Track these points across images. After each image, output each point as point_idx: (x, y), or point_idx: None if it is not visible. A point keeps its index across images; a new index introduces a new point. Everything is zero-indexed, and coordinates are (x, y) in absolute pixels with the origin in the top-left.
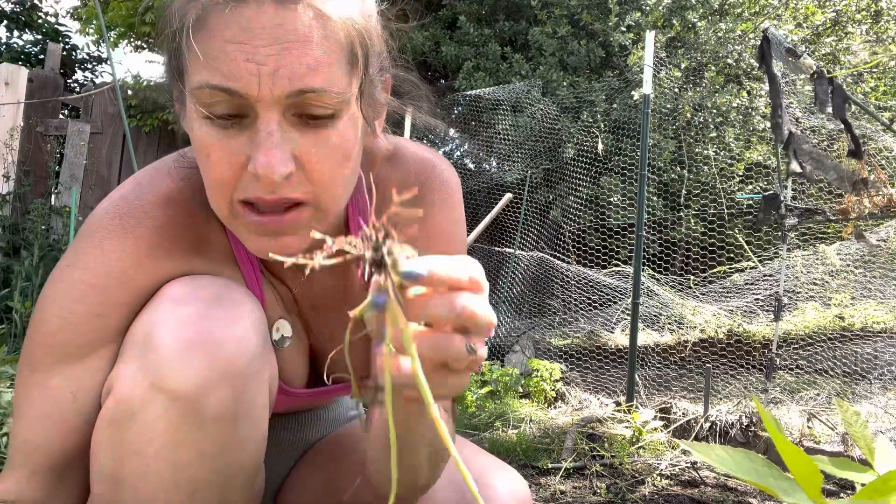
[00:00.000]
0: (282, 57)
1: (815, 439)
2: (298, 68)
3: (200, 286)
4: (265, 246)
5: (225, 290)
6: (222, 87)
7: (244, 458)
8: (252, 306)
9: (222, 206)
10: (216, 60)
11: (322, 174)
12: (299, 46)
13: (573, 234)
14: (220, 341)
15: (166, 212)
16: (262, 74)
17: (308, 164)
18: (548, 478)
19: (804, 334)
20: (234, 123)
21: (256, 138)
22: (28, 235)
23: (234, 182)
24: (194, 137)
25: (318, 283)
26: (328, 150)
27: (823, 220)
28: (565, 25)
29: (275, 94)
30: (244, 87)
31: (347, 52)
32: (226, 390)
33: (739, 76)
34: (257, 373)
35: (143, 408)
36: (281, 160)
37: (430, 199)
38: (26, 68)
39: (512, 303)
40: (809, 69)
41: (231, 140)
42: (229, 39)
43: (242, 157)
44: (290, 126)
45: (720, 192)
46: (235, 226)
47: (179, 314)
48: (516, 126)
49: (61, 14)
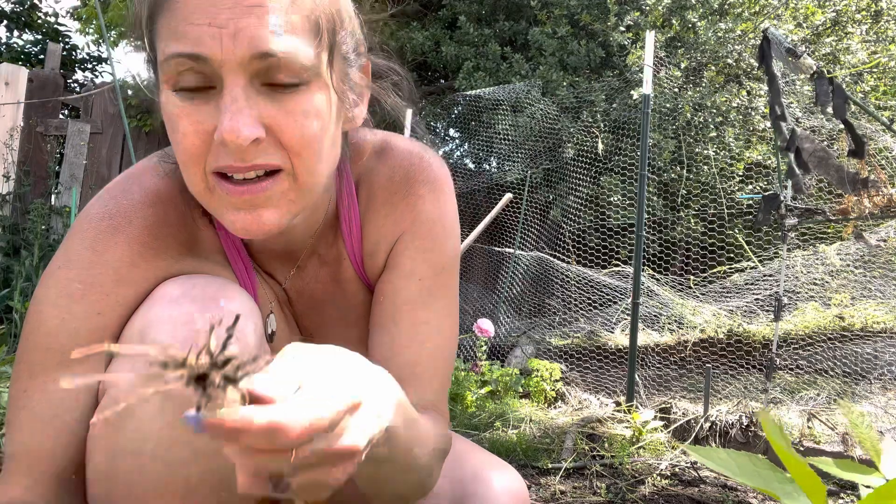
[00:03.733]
0: (243, 19)
1: (815, 439)
2: (260, 30)
3: (195, 285)
4: (242, 221)
5: (220, 288)
6: (186, 53)
7: None
8: (247, 304)
9: (196, 181)
10: (181, 30)
11: (293, 139)
12: (262, 11)
13: (573, 234)
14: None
15: (156, 210)
16: (224, 36)
17: (277, 128)
18: (548, 478)
19: (804, 334)
20: (202, 94)
21: (222, 104)
22: (28, 235)
23: (204, 152)
24: (165, 115)
25: (309, 278)
26: (298, 117)
27: (823, 220)
28: (565, 25)
29: (237, 55)
30: (207, 50)
31: (313, 22)
32: None
33: (739, 76)
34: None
35: (138, 407)
36: (246, 123)
37: (417, 190)
38: (26, 68)
39: (512, 303)
40: (809, 69)
41: (198, 109)
42: (193, 9)
43: (210, 125)
44: (257, 94)
45: (720, 191)
46: (212, 202)
47: (174, 313)
48: (516, 126)
49: (61, 14)
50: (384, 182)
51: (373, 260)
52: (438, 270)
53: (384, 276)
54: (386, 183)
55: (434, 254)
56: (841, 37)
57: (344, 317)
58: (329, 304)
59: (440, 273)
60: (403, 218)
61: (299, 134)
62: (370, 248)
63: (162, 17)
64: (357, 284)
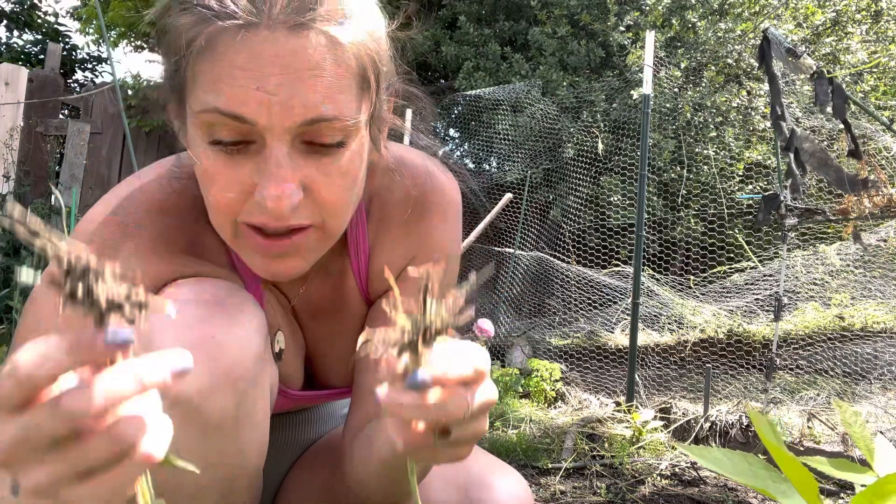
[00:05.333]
0: (294, 86)
1: (815, 439)
2: (311, 98)
3: (203, 289)
4: (270, 267)
5: (227, 293)
6: (231, 114)
7: (246, 463)
8: (254, 310)
9: (226, 229)
10: (224, 85)
11: (329, 200)
12: (311, 75)
13: (573, 234)
14: (222, 345)
15: (165, 219)
16: (273, 104)
17: (315, 190)
18: (548, 478)
19: (804, 334)
20: (241, 150)
21: (266, 168)
22: None
23: (239, 207)
24: (197, 160)
25: (315, 290)
26: (336, 177)
27: (823, 220)
28: (565, 25)
29: (286, 125)
30: (253, 115)
31: (359, 78)
32: (228, 395)
33: (739, 76)
34: (259, 377)
35: None
36: (290, 191)
37: (431, 219)
38: (26, 68)
39: (512, 303)
40: (809, 69)
41: (237, 167)
42: (239, 66)
43: (249, 183)
44: (299, 154)
45: (720, 191)
46: (239, 245)
47: (180, 317)
48: (516, 126)
49: (61, 14)
50: (398, 203)
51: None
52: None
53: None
54: (399, 205)
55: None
56: (841, 37)
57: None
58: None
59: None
60: (416, 245)
61: (336, 196)
62: (377, 267)
63: (204, 55)
64: (357, 298)
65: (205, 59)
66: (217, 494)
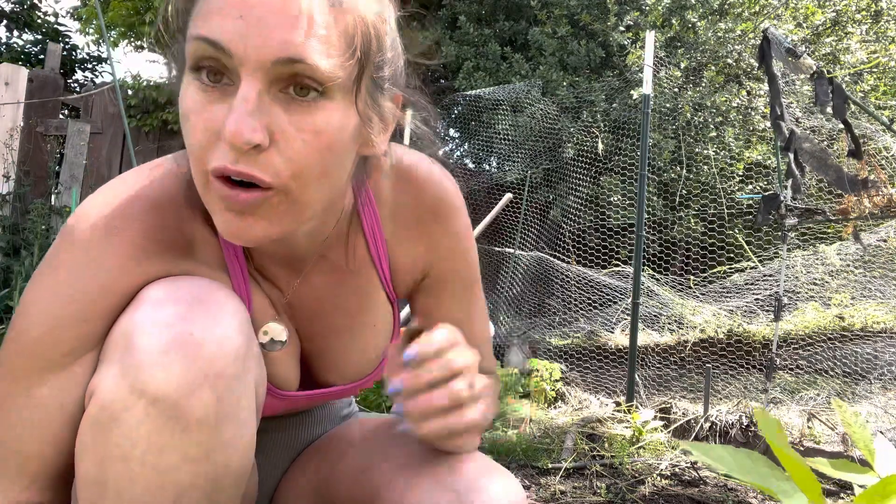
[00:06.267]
0: (277, 23)
1: (815, 439)
2: (291, 37)
3: (180, 287)
4: (230, 223)
5: (206, 290)
6: (208, 39)
7: (231, 461)
8: (236, 307)
9: (198, 176)
10: (212, 14)
11: (296, 156)
12: (300, 18)
13: (573, 234)
14: (201, 342)
15: (154, 216)
16: (251, 33)
17: (283, 142)
18: (548, 478)
19: (804, 334)
20: (219, 90)
21: (232, 103)
22: (28, 235)
23: (208, 150)
24: (181, 106)
25: (316, 286)
26: (308, 134)
27: (823, 220)
28: (565, 25)
29: (260, 56)
30: (229, 44)
31: (349, 38)
32: (208, 392)
33: (739, 76)
34: (241, 374)
35: (124, 412)
36: (249, 127)
37: (446, 217)
38: (26, 68)
39: (512, 303)
40: (809, 69)
41: (211, 105)
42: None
43: (219, 123)
44: (273, 101)
45: (720, 191)
46: (209, 202)
47: (158, 316)
48: (516, 126)
49: (61, 14)
50: (412, 204)
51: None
52: (470, 284)
53: (422, 298)
54: (414, 205)
55: (465, 272)
56: (841, 37)
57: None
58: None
59: (472, 285)
60: (436, 244)
61: (303, 155)
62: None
63: (197, 6)
64: (378, 292)
65: (198, 3)
66: (201, 492)
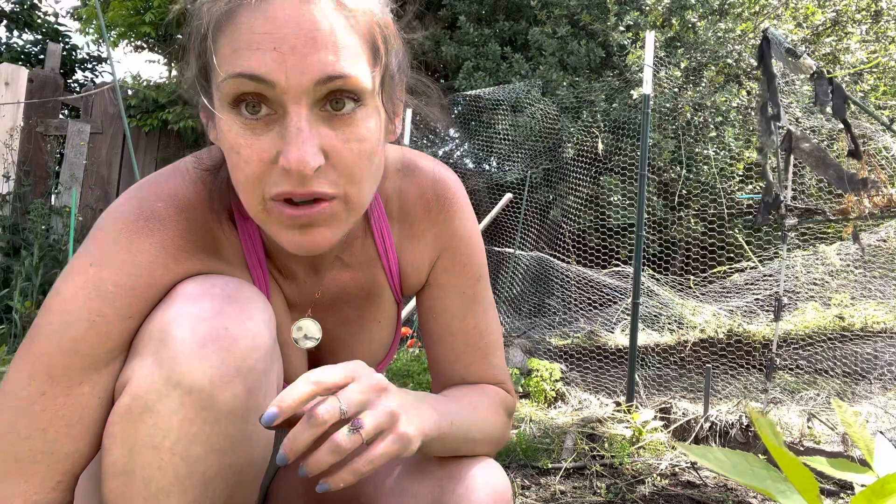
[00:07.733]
0: (309, 46)
1: (815, 439)
2: (325, 56)
3: (214, 284)
4: (298, 240)
5: (237, 288)
6: (250, 75)
7: (254, 453)
8: (263, 304)
9: (254, 204)
10: (244, 51)
11: (349, 166)
12: (325, 35)
13: (573, 234)
14: (235, 337)
15: (188, 215)
16: (289, 63)
17: (335, 156)
18: (548, 478)
19: (804, 334)
20: (263, 121)
21: (286, 134)
22: (28, 235)
23: (264, 178)
24: (223, 137)
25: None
26: (354, 143)
27: (823, 220)
28: (565, 25)
29: (303, 82)
30: (271, 75)
31: (370, 43)
32: (239, 385)
33: (739, 76)
34: (268, 369)
35: (158, 402)
36: (312, 154)
37: (450, 213)
38: (26, 68)
39: (512, 303)
40: (809, 69)
41: (260, 137)
42: (257, 31)
43: (272, 152)
44: (318, 120)
45: (720, 191)
46: (268, 223)
47: (194, 310)
48: (516, 126)
49: (61, 14)
50: (415, 201)
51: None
52: (477, 279)
53: (429, 292)
54: (417, 202)
55: (472, 267)
56: (841, 37)
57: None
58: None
59: (479, 281)
60: (441, 239)
61: (356, 163)
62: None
63: (223, 35)
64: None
65: (226, 33)
66: (225, 484)
